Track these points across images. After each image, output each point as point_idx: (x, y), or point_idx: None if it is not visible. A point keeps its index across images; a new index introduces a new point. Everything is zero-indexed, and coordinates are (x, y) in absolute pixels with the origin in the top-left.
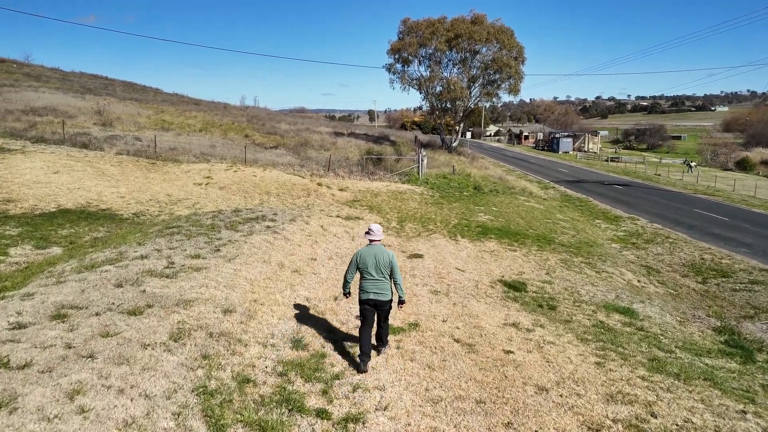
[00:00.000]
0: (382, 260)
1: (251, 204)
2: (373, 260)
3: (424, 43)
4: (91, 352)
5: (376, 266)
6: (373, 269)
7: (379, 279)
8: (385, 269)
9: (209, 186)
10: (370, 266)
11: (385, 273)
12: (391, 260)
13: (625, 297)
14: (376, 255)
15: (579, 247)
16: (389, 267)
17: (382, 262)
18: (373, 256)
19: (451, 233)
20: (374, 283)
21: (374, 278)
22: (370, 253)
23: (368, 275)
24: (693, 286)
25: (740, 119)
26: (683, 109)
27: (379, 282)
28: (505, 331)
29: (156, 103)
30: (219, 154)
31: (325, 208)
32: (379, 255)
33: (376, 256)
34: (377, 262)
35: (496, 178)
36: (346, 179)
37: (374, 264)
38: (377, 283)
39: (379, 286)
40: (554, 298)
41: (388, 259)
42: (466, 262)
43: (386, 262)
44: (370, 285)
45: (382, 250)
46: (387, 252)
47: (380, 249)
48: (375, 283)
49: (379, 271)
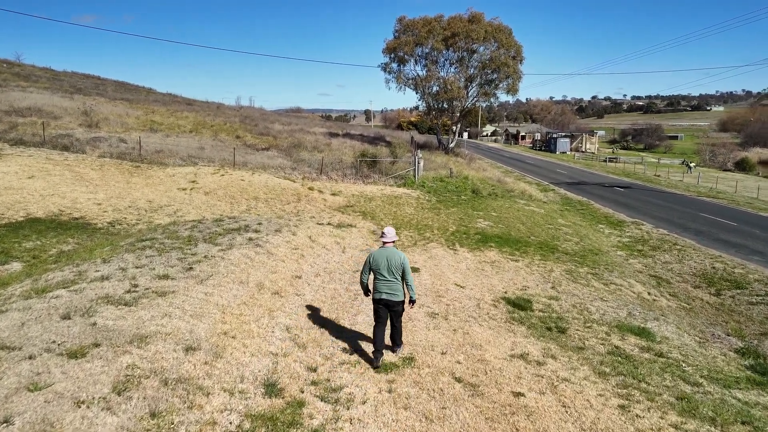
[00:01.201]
0: (394, 262)
1: (238, 210)
2: (385, 262)
3: (420, 42)
4: (8, 416)
5: (388, 268)
6: (385, 270)
7: (390, 280)
8: (396, 271)
9: (194, 191)
10: (382, 268)
11: (397, 274)
12: (403, 262)
13: (638, 314)
14: (388, 257)
15: (584, 255)
16: (401, 269)
17: (395, 264)
18: (386, 258)
19: (449, 242)
20: (386, 283)
21: (386, 279)
22: (383, 255)
23: (381, 276)
24: (707, 298)
25: (737, 119)
26: (679, 108)
27: (391, 283)
28: (513, 365)
29: (147, 103)
30: (207, 157)
31: (315, 215)
32: (392, 257)
33: (388, 258)
34: (389, 264)
35: (495, 181)
36: (340, 183)
37: (386, 266)
38: (389, 284)
39: (391, 286)
40: (563, 317)
41: (400, 261)
42: (466, 276)
43: (398, 264)
44: (383, 285)
45: (395, 252)
46: (399, 254)
47: (392, 251)
48: (387, 284)
49: (391, 273)
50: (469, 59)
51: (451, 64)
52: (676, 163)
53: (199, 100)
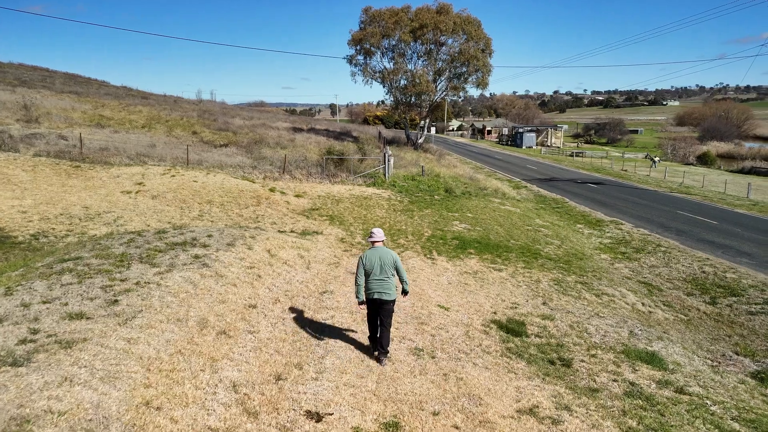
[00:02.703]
0: (386, 261)
1: (189, 216)
2: (378, 262)
3: (387, 34)
4: None
5: (381, 267)
6: (378, 270)
7: (383, 279)
8: (389, 269)
9: (140, 194)
10: (375, 267)
11: (390, 272)
12: (395, 259)
13: (640, 333)
14: (381, 257)
15: (568, 261)
16: (393, 266)
17: (387, 262)
18: (378, 258)
19: (425, 249)
20: (379, 283)
21: (379, 278)
22: (375, 255)
23: (374, 276)
24: (703, 308)
25: (694, 113)
26: (637, 103)
27: (384, 282)
28: (523, 426)
29: (98, 96)
30: (158, 155)
31: (277, 221)
32: (384, 256)
33: (381, 257)
34: (382, 263)
35: (467, 178)
36: (304, 182)
37: (380, 265)
38: (382, 283)
39: (384, 285)
40: (563, 344)
41: (392, 259)
42: (449, 293)
43: (391, 263)
44: (376, 285)
45: (386, 251)
46: (390, 252)
47: (384, 250)
48: (380, 283)
49: (384, 272)
50: (437, 52)
51: (419, 57)
52: (639, 157)
53: (155, 94)
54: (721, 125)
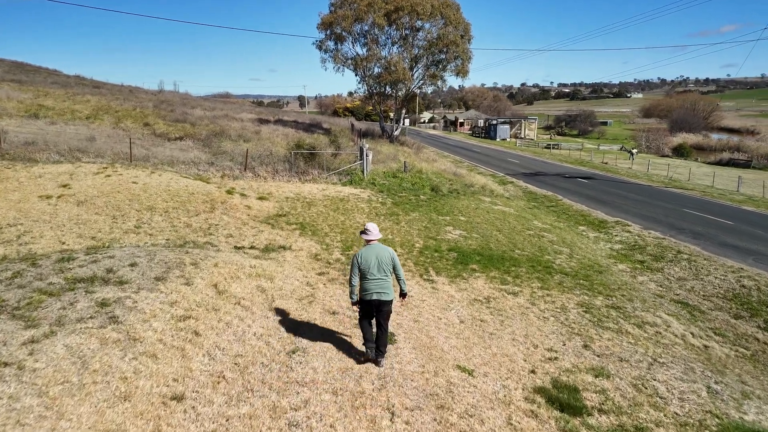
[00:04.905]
0: (384, 259)
1: (122, 228)
2: (375, 260)
3: (360, 18)
4: None
5: (379, 266)
6: (375, 269)
7: (381, 278)
8: (387, 267)
9: (63, 200)
10: (372, 266)
11: (388, 271)
12: (392, 256)
13: (720, 389)
14: (378, 254)
15: (587, 276)
16: (391, 265)
17: (384, 260)
18: (375, 256)
19: (420, 266)
20: (377, 282)
21: (377, 278)
22: (372, 253)
23: (371, 276)
24: (761, 337)
25: (660, 105)
26: (602, 95)
27: (382, 281)
28: None
29: (44, 85)
30: (97, 150)
31: (234, 232)
32: (381, 253)
33: (378, 255)
34: (380, 261)
35: (451, 174)
36: (269, 181)
37: (377, 263)
38: (380, 283)
39: (382, 285)
40: (641, 425)
41: (389, 256)
42: (466, 342)
43: (388, 260)
44: (373, 285)
45: (382, 247)
46: (387, 249)
47: (380, 247)
48: (378, 283)
49: (381, 270)
50: (413, 38)
51: (393, 43)
52: (614, 149)
53: (110, 83)
54: (689, 117)
